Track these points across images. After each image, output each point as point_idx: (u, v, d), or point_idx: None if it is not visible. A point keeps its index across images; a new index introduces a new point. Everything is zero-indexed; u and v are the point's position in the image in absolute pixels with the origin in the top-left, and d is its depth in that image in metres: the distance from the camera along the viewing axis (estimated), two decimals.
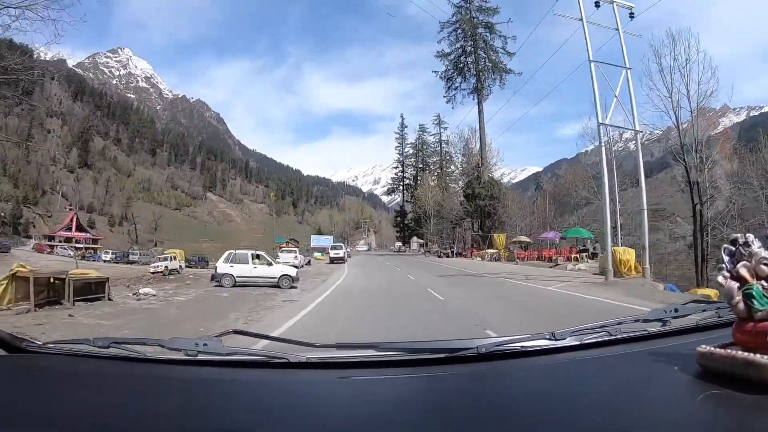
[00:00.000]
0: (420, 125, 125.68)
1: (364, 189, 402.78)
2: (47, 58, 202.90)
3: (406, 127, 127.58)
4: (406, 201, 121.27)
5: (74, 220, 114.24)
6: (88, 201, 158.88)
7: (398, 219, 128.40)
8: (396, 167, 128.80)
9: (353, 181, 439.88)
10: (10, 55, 16.14)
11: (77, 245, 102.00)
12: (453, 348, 1.33)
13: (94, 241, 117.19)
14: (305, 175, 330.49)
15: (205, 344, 1.39)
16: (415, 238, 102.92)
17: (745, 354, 0.89)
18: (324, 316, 11.64)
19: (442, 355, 1.32)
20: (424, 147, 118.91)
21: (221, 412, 1.05)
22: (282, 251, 43.05)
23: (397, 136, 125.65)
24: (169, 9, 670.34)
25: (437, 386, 1.20)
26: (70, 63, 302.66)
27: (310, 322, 10.75)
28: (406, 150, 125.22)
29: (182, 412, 1.06)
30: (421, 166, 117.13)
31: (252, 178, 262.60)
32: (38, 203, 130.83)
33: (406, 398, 1.13)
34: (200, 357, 1.39)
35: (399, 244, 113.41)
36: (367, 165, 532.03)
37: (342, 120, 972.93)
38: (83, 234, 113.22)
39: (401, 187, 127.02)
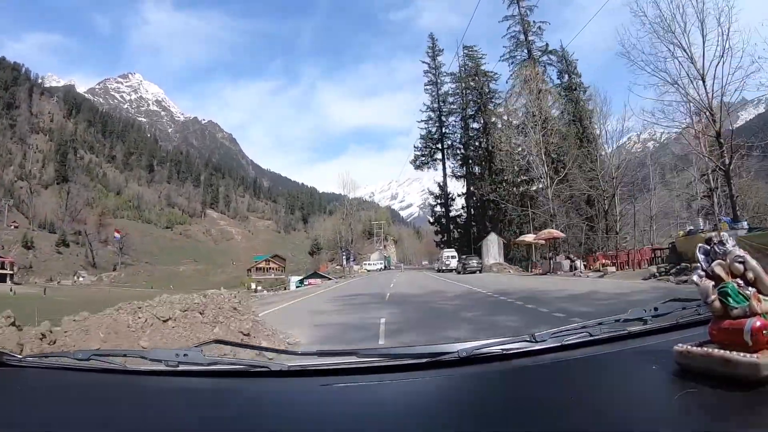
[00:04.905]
0: (465, 47, 62.77)
1: (382, 205, 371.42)
2: (59, 85, 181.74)
3: (441, 52, 68.63)
4: (452, 176, 65.52)
5: None
6: (50, 218, 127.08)
7: (439, 209, 67.92)
8: (427, 118, 67.22)
9: (370, 197, 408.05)
10: None
11: None
12: (434, 352, 1.27)
13: (3, 265, 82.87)
14: (321, 192, 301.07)
15: (185, 354, 1.33)
16: (492, 238, 48.67)
17: (722, 352, 0.88)
18: None
19: (423, 360, 1.26)
20: (479, 75, 61.69)
21: (202, 422, 1.01)
22: None
23: (427, 68, 67.70)
24: (180, 34, 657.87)
25: (418, 391, 1.17)
26: (81, 89, 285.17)
27: None
28: (442, 89, 66.91)
29: (163, 423, 1.02)
30: (472, 108, 62.29)
31: (261, 195, 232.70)
32: None
33: (388, 404, 1.09)
34: (181, 367, 1.32)
35: (450, 254, 49.68)
36: (384, 181, 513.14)
37: (358, 137, 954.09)
38: None
39: (440, 152, 66.85)
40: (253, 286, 60.59)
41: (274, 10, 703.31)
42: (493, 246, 48.45)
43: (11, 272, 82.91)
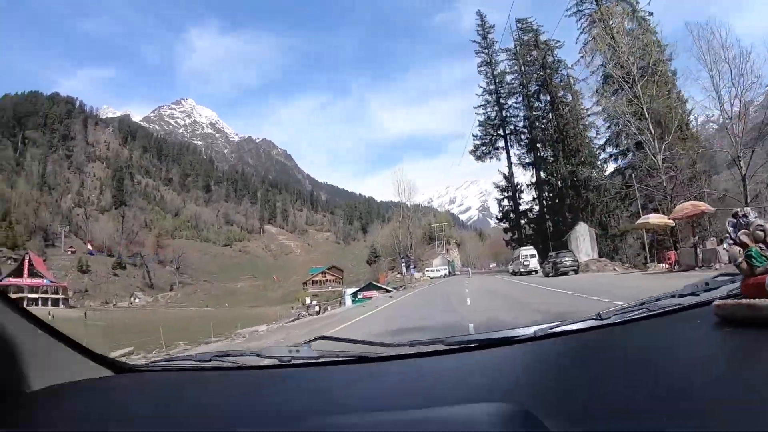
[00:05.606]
0: (518, 20, 55.08)
1: (441, 210, 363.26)
2: (115, 115, 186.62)
3: (492, 28, 59.10)
4: (518, 164, 56.54)
5: (26, 263, 78.22)
6: (108, 242, 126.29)
7: (506, 203, 57.93)
8: (485, 102, 58.44)
9: (428, 203, 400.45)
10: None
11: (30, 295, 68.68)
12: (512, 336, 1.41)
13: (56, 290, 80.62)
14: (379, 201, 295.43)
15: (297, 350, 1.47)
16: (582, 228, 39.17)
17: (748, 300, 1.06)
18: None
19: (504, 340, 1.41)
20: (539, 46, 53.24)
21: (313, 403, 1.12)
22: None
23: (478, 48, 59.03)
24: (228, 58, 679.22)
25: (499, 363, 1.30)
26: (137, 118, 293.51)
27: None
28: (498, 69, 58.01)
29: (282, 409, 1.11)
30: (535, 84, 53.87)
31: (319, 208, 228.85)
32: (17, 246, 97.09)
33: (476, 375, 1.20)
34: (293, 362, 1.45)
35: (528, 252, 38.04)
36: (441, 186, 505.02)
37: (411, 144, 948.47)
38: (38, 281, 77.24)
39: (502, 139, 57.61)
40: (308, 300, 53.29)
41: (318, 26, 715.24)
42: (584, 239, 38.12)
43: (63, 296, 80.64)
